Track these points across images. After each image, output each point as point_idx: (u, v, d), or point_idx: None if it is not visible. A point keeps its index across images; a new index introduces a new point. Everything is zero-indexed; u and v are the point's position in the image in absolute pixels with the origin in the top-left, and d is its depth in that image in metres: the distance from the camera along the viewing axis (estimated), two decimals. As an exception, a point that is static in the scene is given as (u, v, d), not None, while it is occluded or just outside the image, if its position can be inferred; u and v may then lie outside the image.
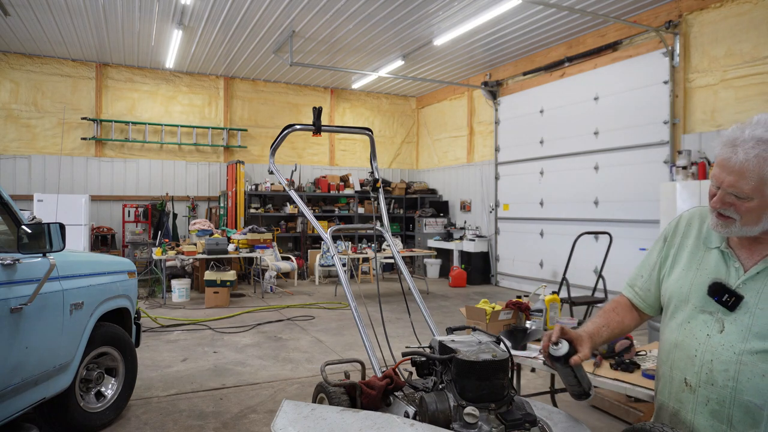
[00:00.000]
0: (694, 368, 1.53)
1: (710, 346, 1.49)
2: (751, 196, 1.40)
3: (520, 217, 10.30)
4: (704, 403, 1.50)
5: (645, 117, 7.76)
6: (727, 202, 1.45)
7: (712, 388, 1.48)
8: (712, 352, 1.49)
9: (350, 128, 3.69)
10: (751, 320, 1.44)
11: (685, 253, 1.65)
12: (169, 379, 4.67)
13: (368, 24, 8.55)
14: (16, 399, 2.68)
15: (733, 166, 1.42)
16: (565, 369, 1.66)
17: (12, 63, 10.16)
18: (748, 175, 1.39)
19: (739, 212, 1.44)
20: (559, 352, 1.64)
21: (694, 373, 1.52)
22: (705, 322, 1.52)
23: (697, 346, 1.52)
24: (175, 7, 7.94)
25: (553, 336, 1.65)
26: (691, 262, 1.61)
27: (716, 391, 1.47)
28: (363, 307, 5.81)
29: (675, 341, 1.60)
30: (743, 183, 1.40)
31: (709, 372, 1.49)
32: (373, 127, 13.17)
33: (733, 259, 1.52)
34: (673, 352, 1.61)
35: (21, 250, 2.66)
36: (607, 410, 3.90)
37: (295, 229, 11.97)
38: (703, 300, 1.54)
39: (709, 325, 1.51)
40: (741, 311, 1.46)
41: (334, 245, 6.01)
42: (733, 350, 1.45)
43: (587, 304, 5.66)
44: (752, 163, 1.39)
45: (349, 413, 1.78)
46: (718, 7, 6.88)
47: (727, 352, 1.46)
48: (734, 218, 1.46)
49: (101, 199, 10.72)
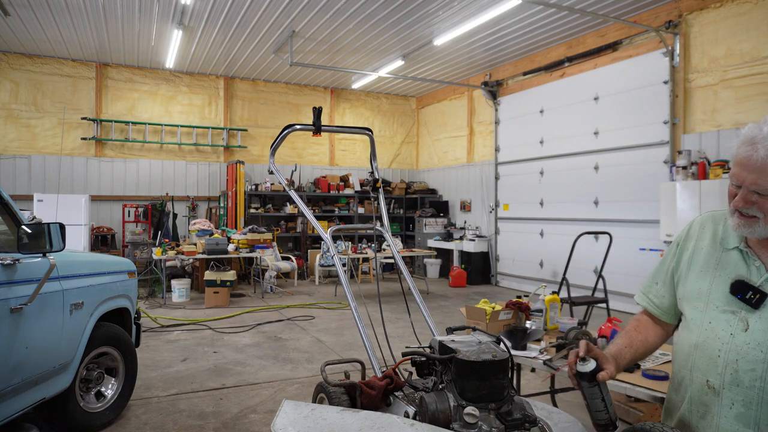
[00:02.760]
0: (717, 369, 1.48)
1: (735, 346, 1.45)
2: None
3: (520, 217, 10.30)
4: (729, 406, 1.45)
5: (645, 117, 7.76)
6: (750, 201, 1.43)
7: (737, 389, 1.44)
8: (737, 351, 1.44)
9: (350, 128, 3.69)
10: None
11: (701, 255, 1.62)
12: (169, 379, 4.67)
13: (368, 24, 8.55)
14: (16, 399, 2.68)
15: (754, 164, 1.39)
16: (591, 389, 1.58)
17: (12, 63, 10.16)
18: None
19: (763, 210, 1.42)
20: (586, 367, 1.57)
21: (718, 374, 1.47)
22: (728, 321, 1.48)
23: (721, 346, 1.48)
24: (175, 7, 7.94)
25: (580, 351, 1.59)
26: (708, 263, 1.59)
27: (742, 393, 1.43)
28: (363, 307, 5.82)
29: (695, 342, 1.55)
30: (766, 180, 1.38)
31: (734, 372, 1.44)
32: (373, 127, 13.17)
33: (754, 258, 1.50)
34: (693, 354, 1.55)
35: (21, 250, 2.66)
36: (607, 410, 3.89)
37: (295, 229, 11.97)
38: (725, 299, 1.50)
39: (732, 325, 1.47)
40: (766, 309, 1.43)
41: (334, 245, 6.01)
42: (760, 349, 1.41)
43: (587, 304, 5.66)
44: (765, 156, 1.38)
45: (349, 413, 1.78)
46: (718, 7, 6.88)
47: (753, 351, 1.42)
48: (758, 217, 1.43)
49: (101, 199, 10.72)
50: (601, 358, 1.59)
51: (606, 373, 1.55)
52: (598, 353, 1.60)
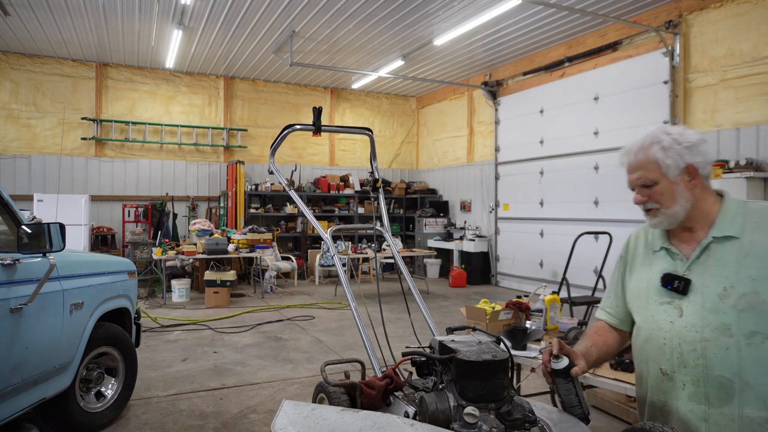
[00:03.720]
0: (665, 356, 1.62)
1: (675, 332, 1.60)
2: (655, 179, 1.64)
3: (520, 217, 10.30)
4: (681, 387, 1.59)
5: (645, 117, 7.76)
6: (643, 194, 1.67)
7: (685, 370, 1.58)
8: (678, 336, 1.59)
9: (350, 128, 3.69)
10: (702, 299, 1.57)
11: (638, 261, 1.81)
12: (169, 379, 4.67)
13: (368, 24, 8.55)
14: (16, 399, 2.68)
15: (632, 165, 1.68)
16: (566, 384, 1.71)
17: (12, 63, 10.16)
18: (643, 165, 1.65)
19: (656, 199, 1.65)
20: (560, 365, 1.69)
21: (667, 360, 1.62)
22: (666, 311, 1.64)
23: (664, 334, 1.63)
24: (175, 7, 7.94)
25: (554, 349, 1.74)
26: (644, 266, 1.77)
27: (690, 373, 1.57)
28: (363, 307, 5.81)
29: (645, 336, 1.70)
30: (644, 172, 1.65)
31: (680, 356, 1.59)
32: (373, 127, 13.17)
33: (676, 252, 1.68)
34: (644, 347, 1.71)
35: (21, 250, 2.66)
36: (607, 410, 3.90)
37: (295, 229, 11.97)
38: (660, 292, 1.67)
39: (670, 313, 1.63)
40: (692, 293, 1.59)
41: (334, 245, 6.01)
42: (695, 330, 1.56)
43: (587, 304, 5.66)
44: (640, 154, 1.66)
45: (349, 413, 1.78)
46: (718, 7, 6.88)
47: (691, 333, 1.57)
48: (656, 207, 1.65)
49: (101, 199, 10.72)
50: (572, 355, 1.74)
51: (579, 368, 1.70)
52: (570, 350, 1.75)
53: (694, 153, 1.62)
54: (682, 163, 1.61)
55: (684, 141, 1.62)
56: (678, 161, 1.61)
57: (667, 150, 1.61)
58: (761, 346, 1.49)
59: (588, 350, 1.82)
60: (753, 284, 1.51)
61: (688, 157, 1.61)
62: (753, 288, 1.51)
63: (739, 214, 1.63)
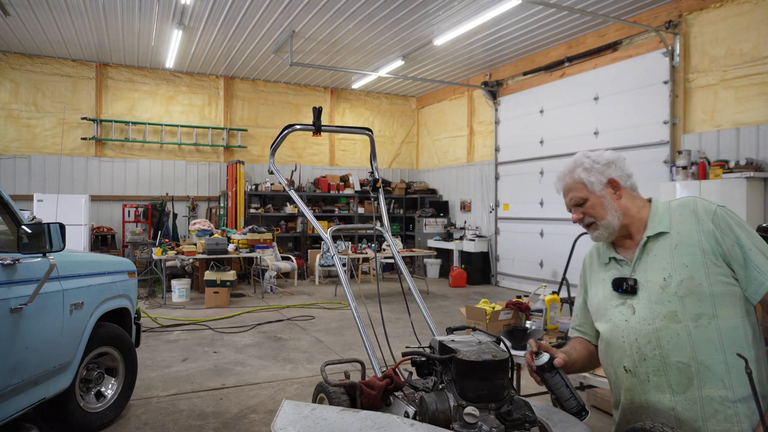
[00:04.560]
0: (626, 353, 1.71)
1: (631, 328, 1.71)
2: (584, 197, 1.82)
3: (520, 217, 10.30)
4: (646, 381, 1.67)
5: (645, 117, 7.76)
6: (579, 213, 1.85)
7: (645, 363, 1.67)
8: (634, 332, 1.69)
9: (350, 128, 3.69)
10: (648, 293, 1.69)
11: (594, 277, 1.95)
12: (169, 379, 4.67)
13: (368, 24, 8.55)
14: (16, 399, 2.68)
15: (565, 188, 1.89)
16: (554, 378, 1.77)
17: (12, 63, 10.16)
18: (573, 186, 1.85)
19: (590, 214, 1.82)
20: (542, 360, 1.78)
21: (628, 357, 1.71)
22: (621, 312, 1.75)
23: (622, 333, 1.73)
24: (175, 7, 7.94)
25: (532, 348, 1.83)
26: (598, 279, 1.90)
27: (650, 364, 1.66)
28: (363, 307, 5.82)
29: (606, 340, 1.81)
30: (574, 192, 1.85)
31: (639, 350, 1.68)
32: (373, 127, 13.17)
33: (621, 259, 1.82)
34: (608, 352, 1.80)
35: (21, 250, 2.66)
36: (607, 410, 3.90)
37: (295, 229, 11.97)
38: (613, 297, 1.79)
39: (624, 313, 1.74)
40: (640, 291, 1.71)
41: (334, 245, 6.01)
42: (647, 322, 1.67)
43: (587, 304, 5.65)
44: (568, 178, 1.87)
45: (349, 413, 1.78)
46: (718, 7, 6.88)
47: (644, 327, 1.67)
48: (593, 221, 1.82)
49: (101, 199, 10.72)
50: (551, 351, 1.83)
51: (560, 359, 1.79)
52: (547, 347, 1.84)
53: (612, 168, 1.83)
54: (603, 178, 1.81)
55: (602, 160, 1.84)
56: (600, 177, 1.81)
57: (589, 170, 1.83)
58: (708, 327, 1.59)
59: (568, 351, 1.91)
60: (687, 270, 1.63)
61: (608, 173, 1.82)
62: (688, 274, 1.63)
63: (665, 212, 1.78)
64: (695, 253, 1.65)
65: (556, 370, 1.77)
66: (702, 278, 1.61)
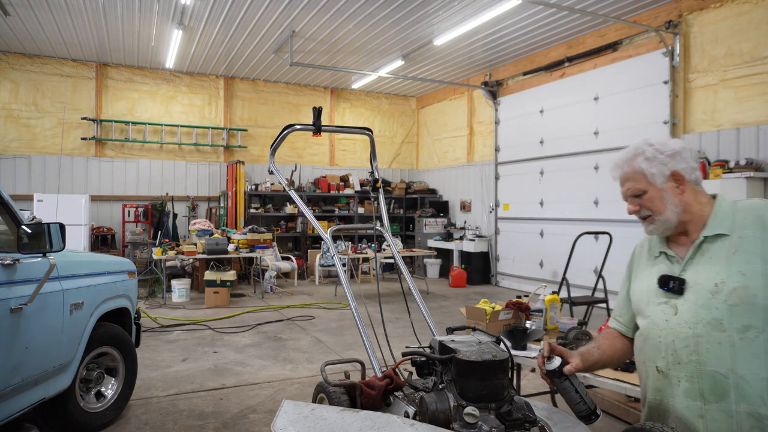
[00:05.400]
0: (661, 354, 1.67)
1: (670, 329, 1.65)
2: (643, 189, 1.71)
3: (520, 217, 10.30)
4: (677, 384, 1.62)
5: (645, 117, 7.76)
6: (635, 204, 1.76)
7: (679, 367, 1.61)
8: (672, 333, 1.64)
9: (350, 128, 3.69)
10: (695, 296, 1.61)
11: (641, 268, 1.88)
12: (169, 379, 4.67)
13: (368, 24, 8.54)
14: (16, 399, 2.68)
15: (622, 177, 1.78)
16: (563, 383, 1.75)
17: (12, 63, 10.16)
18: (631, 176, 1.74)
19: (647, 207, 1.72)
20: (552, 365, 1.75)
21: (662, 358, 1.66)
22: (662, 311, 1.69)
23: (659, 332, 1.68)
24: (175, 7, 7.94)
25: (545, 352, 1.80)
26: (645, 272, 1.84)
27: (683, 369, 1.60)
28: (363, 307, 5.81)
29: (643, 336, 1.76)
30: (632, 183, 1.74)
31: (674, 352, 1.63)
32: (373, 127, 13.17)
33: (673, 255, 1.74)
34: (643, 348, 1.76)
35: (21, 250, 2.65)
36: (607, 410, 3.90)
37: (295, 229, 11.97)
38: (657, 294, 1.72)
39: (665, 312, 1.68)
40: (687, 292, 1.64)
41: (334, 245, 6.01)
42: (688, 326, 1.60)
43: (587, 304, 5.66)
44: (627, 167, 1.75)
45: (349, 413, 1.78)
46: (718, 7, 6.88)
47: (684, 330, 1.61)
48: (649, 214, 1.73)
49: (101, 199, 10.72)
50: (565, 355, 1.80)
51: (571, 366, 1.75)
52: (562, 350, 1.81)
53: (677, 160, 1.68)
54: (666, 170, 1.68)
55: (666, 150, 1.69)
56: (662, 169, 1.68)
57: (650, 160, 1.69)
58: (755, 341, 1.51)
59: (589, 351, 1.86)
60: (743, 279, 1.54)
61: (672, 165, 1.68)
62: (743, 282, 1.54)
63: (729, 212, 1.67)
64: (755, 261, 1.55)
65: (566, 376, 1.74)
66: (758, 290, 1.52)
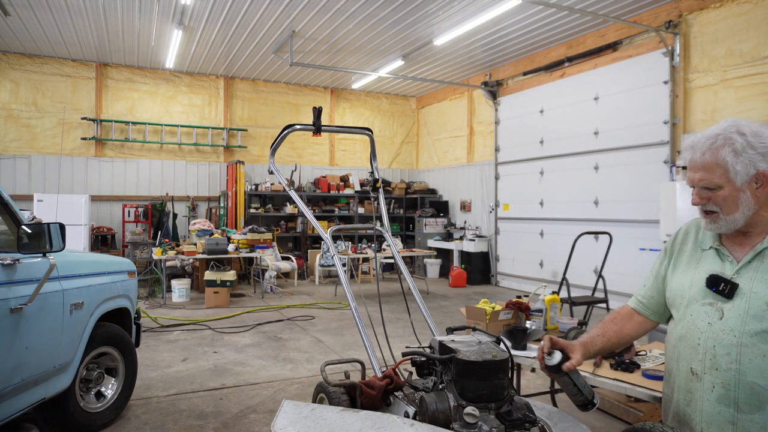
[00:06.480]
0: (698, 356, 1.59)
1: (712, 333, 1.56)
2: (720, 184, 1.54)
3: (520, 217, 10.30)
4: (710, 389, 1.55)
5: (645, 117, 7.76)
6: (703, 197, 1.59)
7: (716, 372, 1.54)
8: (714, 338, 1.55)
9: (350, 128, 3.69)
10: (747, 304, 1.51)
11: (684, 257, 1.75)
12: (169, 379, 4.67)
13: (368, 24, 8.54)
14: (16, 399, 2.68)
15: (696, 164, 1.58)
16: (562, 378, 1.74)
17: (12, 63, 10.16)
18: (710, 167, 1.54)
19: (717, 203, 1.56)
20: (552, 361, 1.74)
21: (699, 360, 1.59)
22: (706, 312, 1.59)
23: (700, 335, 1.59)
24: (175, 7, 7.94)
25: (544, 347, 1.76)
26: (690, 263, 1.71)
27: (721, 376, 1.53)
28: (363, 307, 5.82)
29: (680, 334, 1.67)
30: (709, 175, 1.55)
31: (713, 357, 1.55)
32: (373, 127, 13.17)
33: (727, 254, 1.62)
34: (678, 345, 1.68)
35: (21, 250, 2.65)
36: (607, 410, 3.90)
37: (295, 229, 11.97)
38: (703, 293, 1.61)
39: (710, 315, 1.58)
40: (737, 298, 1.54)
41: (334, 245, 6.01)
42: (733, 334, 1.52)
43: (587, 304, 5.66)
44: (708, 155, 1.54)
45: (349, 413, 1.78)
46: (718, 7, 6.88)
47: (728, 337, 1.52)
48: (716, 211, 1.57)
49: (101, 199, 10.72)
50: (567, 348, 1.74)
51: (571, 363, 1.70)
52: (564, 344, 1.76)
53: None
54: (752, 170, 1.49)
55: (759, 145, 1.48)
56: (748, 168, 1.49)
57: (738, 154, 1.49)
58: None
59: (593, 339, 1.82)
60: None
61: (761, 164, 1.49)
62: None
63: None
64: None
65: (566, 372, 1.74)
66: None
